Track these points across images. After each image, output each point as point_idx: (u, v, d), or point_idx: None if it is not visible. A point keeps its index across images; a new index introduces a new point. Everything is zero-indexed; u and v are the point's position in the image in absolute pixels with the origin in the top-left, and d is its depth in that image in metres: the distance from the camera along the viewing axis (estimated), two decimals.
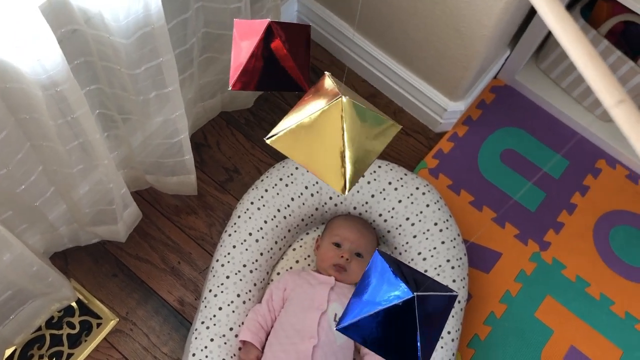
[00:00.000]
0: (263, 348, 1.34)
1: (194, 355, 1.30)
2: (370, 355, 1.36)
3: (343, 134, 0.59)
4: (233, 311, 1.35)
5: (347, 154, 0.60)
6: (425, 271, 1.42)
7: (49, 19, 0.94)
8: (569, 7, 1.71)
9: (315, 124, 0.60)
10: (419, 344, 0.53)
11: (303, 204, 1.49)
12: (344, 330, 0.55)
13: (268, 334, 1.36)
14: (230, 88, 0.67)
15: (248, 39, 0.67)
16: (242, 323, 1.35)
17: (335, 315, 1.33)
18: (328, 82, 0.63)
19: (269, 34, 0.66)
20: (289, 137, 0.61)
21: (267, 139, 0.62)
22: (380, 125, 0.62)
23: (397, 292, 0.53)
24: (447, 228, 1.46)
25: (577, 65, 0.43)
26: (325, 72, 0.64)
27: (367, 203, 1.51)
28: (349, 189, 0.61)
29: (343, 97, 0.59)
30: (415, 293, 0.52)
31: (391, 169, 1.52)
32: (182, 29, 1.28)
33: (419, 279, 0.56)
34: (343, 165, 0.61)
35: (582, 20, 1.66)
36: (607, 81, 0.42)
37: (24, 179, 1.16)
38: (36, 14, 0.86)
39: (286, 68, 0.68)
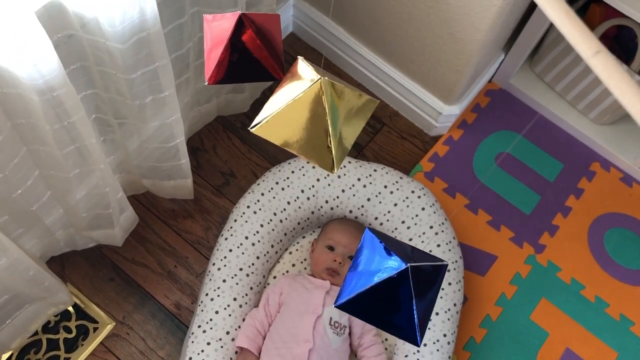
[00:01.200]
0: (260, 352, 1.35)
1: (190, 359, 1.30)
2: (368, 350, 1.36)
3: (326, 114, 0.61)
4: (229, 315, 1.35)
5: (332, 132, 0.62)
6: None
7: (45, 24, 0.95)
8: None
9: (298, 107, 0.62)
10: (415, 313, 0.55)
11: (299, 207, 1.50)
12: (343, 307, 0.56)
13: (265, 338, 1.36)
14: (206, 83, 0.68)
15: (220, 33, 0.67)
16: (239, 327, 1.36)
17: (331, 319, 1.34)
18: (303, 65, 0.64)
19: (240, 26, 0.66)
20: (272, 124, 0.63)
21: (251, 128, 0.63)
22: (359, 101, 0.64)
23: (391, 265, 0.55)
24: (442, 231, 1.47)
25: (555, 22, 0.44)
26: (299, 57, 0.65)
27: (362, 206, 1.52)
28: (337, 168, 0.63)
29: (322, 77, 0.60)
30: (408, 264, 0.54)
31: (387, 173, 1.53)
32: (178, 34, 1.29)
33: (409, 252, 0.58)
34: (329, 145, 0.62)
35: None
36: (584, 34, 0.43)
37: (20, 184, 1.17)
38: (32, 19, 0.86)
39: (260, 58, 0.68)
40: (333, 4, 1.70)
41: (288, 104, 0.62)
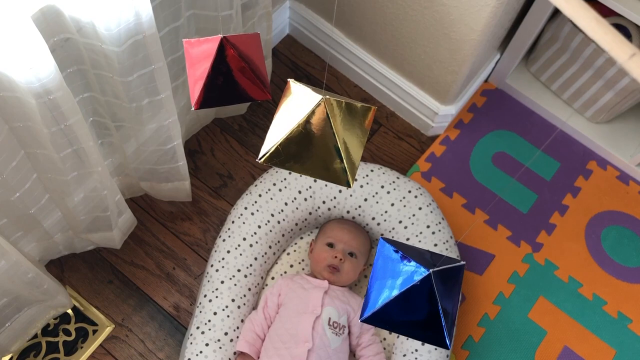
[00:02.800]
0: (259, 356, 1.35)
1: None
2: (367, 349, 1.37)
3: (334, 132, 0.61)
4: (228, 316, 1.36)
5: (342, 149, 0.62)
6: None
7: (41, 28, 0.96)
8: (557, 11, 1.74)
9: (304, 130, 0.62)
10: (442, 317, 0.55)
11: (297, 208, 1.51)
12: (369, 321, 0.57)
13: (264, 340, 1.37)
14: (193, 108, 0.68)
15: (202, 57, 0.67)
16: (237, 328, 1.36)
17: (330, 319, 1.34)
18: (297, 87, 0.64)
19: (222, 49, 0.67)
20: (280, 152, 0.63)
21: (260, 159, 0.63)
22: (358, 112, 0.64)
23: (412, 272, 0.55)
24: (439, 230, 1.47)
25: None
26: (289, 80, 0.65)
27: (360, 207, 1.52)
28: (353, 182, 0.63)
29: (325, 96, 0.61)
30: (431, 270, 0.54)
31: (383, 173, 1.53)
32: (174, 37, 1.30)
33: (428, 257, 0.58)
34: (341, 161, 0.63)
35: (571, 23, 1.68)
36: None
37: (18, 187, 1.17)
38: (28, 23, 0.87)
39: (245, 79, 0.69)
40: (329, 6, 1.71)
41: (294, 129, 0.62)
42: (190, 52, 0.69)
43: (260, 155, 0.63)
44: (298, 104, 0.62)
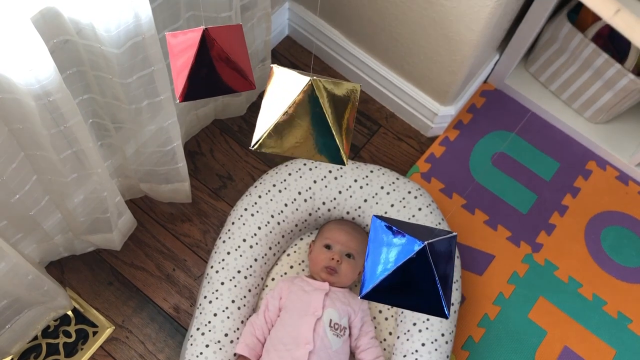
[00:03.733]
0: (259, 358, 1.35)
1: None
2: (365, 353, 1.37)
3: (324, 112, 0.62)
4: (228, 317, 1.36)
5: (334, 128, 0.63)
6: None
7: (41, 30, 0.96)
8: (556, 11, 1.74)
9: (295, 113, 0.63)
10: (439, 287, 0.57)
11: (296, 209, 1.51)
12: (368, 297, 0.58)
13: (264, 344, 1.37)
14: (178, 101, 0.68)
15: (185, 50, 0.67)
16: (237, 329, 1.36)
17: (331, 321, 1.34)
18: (283, 72, 0.65)
19: (204, 41, 0.66)
20: (273, 137, 0.63)
21: (252, 147, 0.63)
22: (345, 91, 0.65)
23: (407, 246, 0.57)
24: None
25: None
26: (272, 65, 0.66)
27: (359, 207, 1.52)
28: (347, 159, 0.64)
29: (312, 77, 0.61)
30: (425, 242, 0.56)
31: (383, 174, 1.53)
32: None
33: (419, 229, 0.60)
34: (334, 140, 0.64)
35: (569, 24, 1.68)
36: None
37: (18, 189, 1.18)
38: (28, 25, 0.87)
39: (229, 70, 0.69)
40: (329, 7, 1.71)
41: (285, 112, 0.62)
42: (173, 44, 0.69)
43: (252, 143, 0.64)
44: (285, 88, 0.63)
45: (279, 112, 0.63)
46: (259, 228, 1.46)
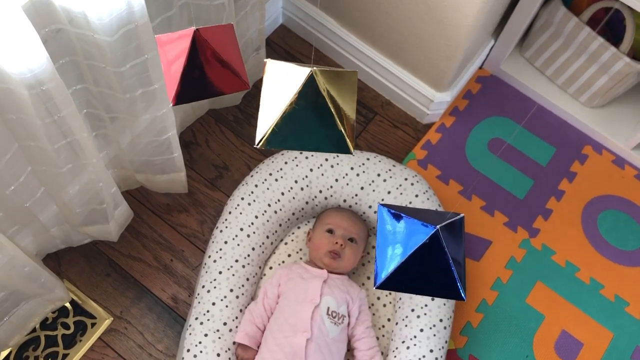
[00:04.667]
0: (259, 346, 1.35)
1: (188, 351, 1.31)
2: (360, 342, 1.37)
3: (327, 102, 0.61)
4: (226, 306, 1.36)
5: (338, 117, 0.63)
6: None
7: (32, 19, 0.95)
8: None
9: (297, 106, 0.62)
10: (454, 270, 0.57)
11: (293, 198, 1.50)
12: (383, 287, 0.58)
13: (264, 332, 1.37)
14: (171, 105, 0.68)
15: (176, 52, 0.66)
16: (236, 317, 1.36)
17: (328, 308, 1.34)
18: (279, 65, 0.64)
19: (195, 42, 0.65)
20: (277, 133, 0.63)
21: (257, 145, 0.63)
22: (344, 78, 0.64)
23: (419, 232, 0.57)
24: None
25: None
26: (266, 60, 0.65)
27: (356, 195, 1.52)
28: (354, 147, 0.64)
29: (313, 68, 0.61)
30: (437, 226, 0.56)
31: (379, 161, 1.53)
32: (166, 27, 1.29)
33: (427, 214, 0.59)
34: (340, 129, 0.63)
35: (564, 8, 1.68)
36: None
37: (13, 180, 1.17)
38: (19, 14, 0.86)
39: (222, 71, 0.68)
40: None
41: (287, 106, 0.61)
42: (164, 48, 0.67)
43: (257, 141, 0.63)
44: (284, 82, 0.62)
45: (280, 107, 0.62)
46: (256, 217, 1.46)
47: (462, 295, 0.58)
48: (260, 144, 0.62)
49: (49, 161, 1.16)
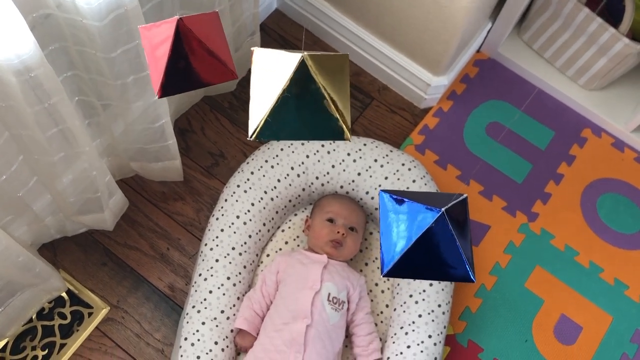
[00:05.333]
0: (258, 333, 1.35)
1: (186, 339, 1.30)
2: (358, 328, 1.36)
3: (320, 88, 0.60)
4: (223, 294, 1.35)
5: (332, 102, 0.61)
6: None
7: (19, 4, 0.93)
8: None
9: (290, 94, 0.60)
10: (462, 252, 0.56)
11: (290, 184, 1.49)
12: (390, 274, 0.56)
13: (263, 319, 1.36)
14: (157, 97, 0.65)
15: (160, 43, 0.64)
16: (234, 305, 1.36)
17: (329, 294, 1.34)
18: (268, 53, 0.62)
19: (179, 32, 0.63)
20: (270, 123, 0.61)
21: (251, 137, 0.61)
22: (336, 62, 0.62)
23: (424, 216, 0.55)
24: None
25: None
26: (253, 48, 0.63)
27: (353, 181, 1.51)
28: (350, 132, 0.62)
29: (304, 53, 0.59)
30: (442, 209, 0.54)
31: (377, 147, 1.52)
32: (158, 12, 1.27)
33: (429, 197, 0.58)
34: (335, 115, 0.61)
35: None
36: None
37: (4, 170, 1.15)
38: None
39: (208, 61, 0.66)
40: None
41: (279, 95, 0.60)
42: (147, 38, 0.65)
43: (250, 133, 0.61)
44: (275, 69, 0.60)
45: (272, 97, 0.60)
46: (252, 204, 1.44)
47: (472, 277, 0.57)
48: (254, 136, 0.61)
49: (41, 150, 1.15)
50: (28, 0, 0.97)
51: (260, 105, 0.61)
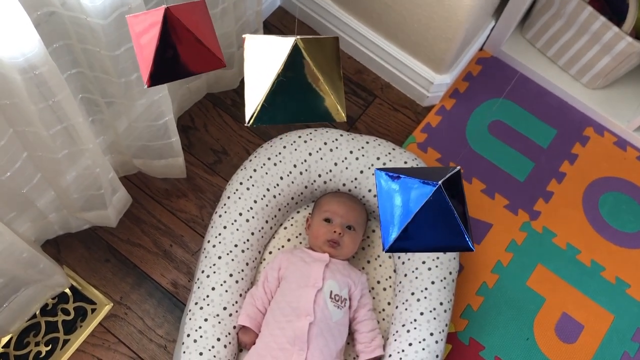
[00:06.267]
0: (260, 330, 1.35)
1: (188, 335, 1.31)
2: (361, 324, 1.37)
3: (314, 70, 0.61)
4: (226, 291, 1.36)
5: (326, 84, 0.62)
6: None
7: (23, 2, 0.93)
8: None
9: (285, 78, 0.61)
10: (460, 223, 0.57)
11: (292, 182, 1.49)
12: (392, 249, 0.58)
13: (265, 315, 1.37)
14: (145, 86, 0.66)
15: (148, 32, 0.64)
16: (236, 302, 1.36)
17: (331, 292, 1.34)
18: (259, 39, 0.63)
19: (167, 21, 0.63)
20: (267, 108, 0.62)
21: (248, 123, 0.62)
22: (327, 45, 0.64)
23: (422, 189, 0.57)
24: None
25: None
26: (245, 36, 0.64)
27: (356, 179, 1.51)
28: (344, 112, 0.63)
29: (296, 37, 0.60)
30: (439, 182, 0.56)
31: (379, 144, 1.52)
32: None
33: (423, 172, 0.59)
34: (329, 96, 0.62)
35: None
36: None
37: (8, 166, 1.16)
38: None
39: (196, 49, 0.66)
40: None
41: (274, 80, 0.60)
42: (135, 27, 0.65)
43: (247, 119, 0.62)
44: (268, 55, 0.61)
45: (267, 82, 0.61)
46: (255, 202, 1.45)
47: (470, 245, 0.58)
48: (251, 121, 0.61)
49: (45, 147, 1.15)
50: None
51: (256, 91, 0.62)
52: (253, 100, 0.61)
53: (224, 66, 0.67)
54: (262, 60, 0.62)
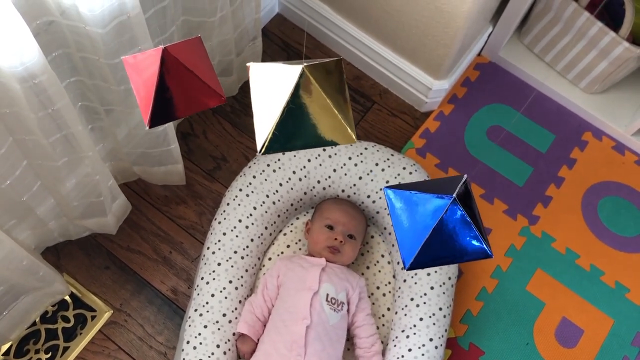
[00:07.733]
0: (259, 339, 1.35)
1: (188, 342, 1.31)
2: (360, 329, 1.37)
3: (322, 95, 0.61)
4: (225, 297, 1.36)
5: (336, 108, 0.62)
6: None
7: (23, 11, 0.94)
8: None
9: (294, 105, 0.61)
10: (477, 232, 0.58)
11: (291, 188, 1.50)
12: (413, 267, 0.58)
13: (265, 323, 1.37)
14: (147, 128, 0.66)
15: (146, 73, 0.64)
16: (235, 309, 1.36)
17: (327, 295, 1.34)
18: (266, 67, 0.63)
19: (164, 61, 0.63)
20: (278, 136, 0.62)
21: (260, 152, 0.62)
22: (332, 68, 0.64)
23: (436, 204, 0.57)
24: None
25: None
26: (249, 64, 0.64)
27: (355, 185, 1.52)
28: (355, 134, 0.64)
29: (303, 65, 0.60)
30: (454, 195, 0.57)
31: (378, 150, 1.52)
32: (161, 17, 1.28)
33: (433, 185, 0.60)
34: (339, 120, 0.63)
35: None
36: None
37: (8, 174, 1.16)
38: (9, 6, 0.85)
39: (196, 88, 0.66)
40: None
41: (284, 107, 0.61)
42: (133, 69, 0.65)
43: (259, 148, 0.62)
44: (275, 82, 0.61)
45: (276, 110, 0.61)
46: (255, 208, 1.45)
47: (489, 252, 0.59)
48: (263, 151, 0.62)
49: (45, 155, 1.16)
50: (32, 8, 0.98)
51: (265, 120, 0.62)
52: (263, 129, 0.62)
53: (224, 102, 0.68)
54: (269, 88, 0.62)
